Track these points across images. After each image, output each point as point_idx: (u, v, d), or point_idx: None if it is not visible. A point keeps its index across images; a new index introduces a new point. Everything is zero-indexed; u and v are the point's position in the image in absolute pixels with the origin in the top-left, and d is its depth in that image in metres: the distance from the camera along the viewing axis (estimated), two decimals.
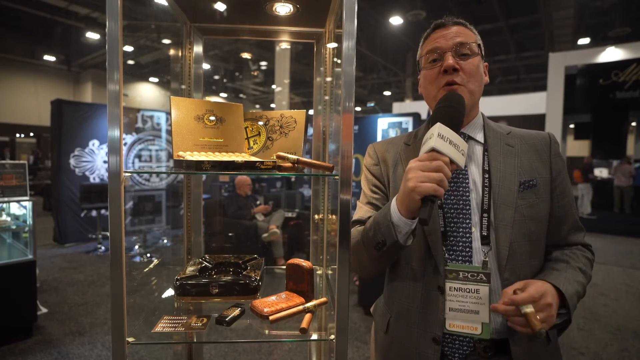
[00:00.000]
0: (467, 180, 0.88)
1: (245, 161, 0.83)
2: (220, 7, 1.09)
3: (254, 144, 1.06)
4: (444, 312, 0.83)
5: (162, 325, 0.80)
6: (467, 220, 0.85)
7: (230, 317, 0.81)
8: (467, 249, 0.84)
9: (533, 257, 0.85)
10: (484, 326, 0.80)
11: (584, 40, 9.91)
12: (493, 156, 0.88)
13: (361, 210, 0.98)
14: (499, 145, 0.90)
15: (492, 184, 0.86)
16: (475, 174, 0.88)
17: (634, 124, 13.03)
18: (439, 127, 0.73)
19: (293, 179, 6.90)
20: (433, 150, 0.72)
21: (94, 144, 6.20)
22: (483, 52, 0.91)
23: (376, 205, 0.97)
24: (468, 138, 0.91)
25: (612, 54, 8.56)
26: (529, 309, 0.69)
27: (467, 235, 0.85)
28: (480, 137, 0.92)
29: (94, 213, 6.06)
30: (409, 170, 0.74)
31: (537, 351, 0.83)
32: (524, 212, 0.83)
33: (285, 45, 7.74)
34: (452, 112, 0.78)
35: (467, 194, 0.87)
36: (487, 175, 0.87)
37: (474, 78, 0.87)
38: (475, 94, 0.89)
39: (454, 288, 0.83)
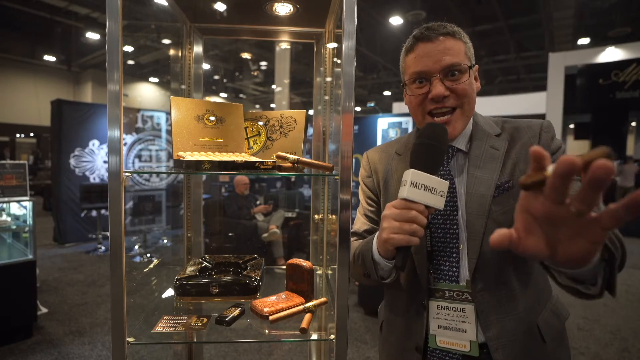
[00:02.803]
0: (454, 199, 0.83)
1: (245, 161, 0.83)
2: (220, 7, 1.09)
3: (254, 144, 1.06)
4: (427, 327, 0.84)
5: (162, 325, 0.80)
6: (455, 240, 0.82)
7: (230, 317, 0.81)
8: (454, 268, 0.82)
9: (511, 262, 0.79)
10: (472, 344, 0.80)
11: (584, 40, 9.89)
12: (473, 162, 0.83)
13: (358, 222, 0.99)
14: (481, 149, 0.84)
15: (466, 193, 0.82)
16: (461, 189, 0.84)
17: (634, 124, 13.04)
18: (412, 175, 0.70)
19: (293, 179, 6.90)
20: (405, 200, 0.70)
21: (94, 144, 6.20)
22: (473, 60, 0.84)
23: (372, 217, 0.98)
24: (457, 151, 0.86)
25: (612, 54, 8.57)
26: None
27: (454, 254, 0.82)
28: (468, 146, 0.86)
29: (94, 213, 6.06)
30: (384, 219, 0.73)
31: (530, 354, 0.79)
32: (499, 219, 0.78)
33: (285, 45, 7.74)
34: (431, 152, 0.72)
35: (455, 212, 0.82)
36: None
37: (467, 98, 0.81)
38: (470, 112, 0.84)
39: (441, 307, 0.82)
